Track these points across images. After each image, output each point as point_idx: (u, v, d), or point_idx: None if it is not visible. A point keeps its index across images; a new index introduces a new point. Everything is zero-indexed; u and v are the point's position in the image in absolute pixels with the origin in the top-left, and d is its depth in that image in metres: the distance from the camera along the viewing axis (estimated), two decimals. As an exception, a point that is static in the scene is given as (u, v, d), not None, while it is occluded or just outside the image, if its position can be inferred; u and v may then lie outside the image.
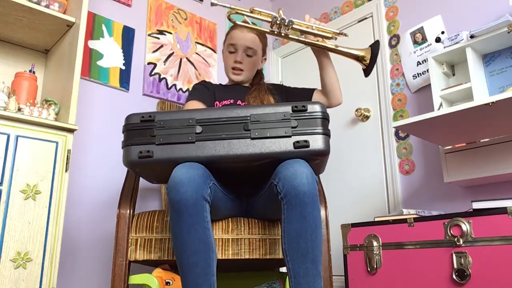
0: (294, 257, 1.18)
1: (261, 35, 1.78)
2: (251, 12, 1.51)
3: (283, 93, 1.80)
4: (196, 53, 2.71)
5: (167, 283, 1.58)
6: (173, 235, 1.22)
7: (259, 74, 1.86)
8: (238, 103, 1.72)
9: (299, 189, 1.18)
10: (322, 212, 1.53)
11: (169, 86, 2.52)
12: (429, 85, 2.18)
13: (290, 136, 1.21)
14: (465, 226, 1.53)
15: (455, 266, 1.53)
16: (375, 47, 1.55)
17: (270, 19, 1.50)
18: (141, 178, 1.70)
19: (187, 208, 1.18)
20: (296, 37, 1.57)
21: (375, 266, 1.75)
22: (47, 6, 1.83)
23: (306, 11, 3.09)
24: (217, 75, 2.77)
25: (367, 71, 1.57)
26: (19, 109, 1.68)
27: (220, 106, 1.70)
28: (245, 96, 1.74)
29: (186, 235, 1.18)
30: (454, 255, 1.54)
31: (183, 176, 1.19)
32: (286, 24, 1.50)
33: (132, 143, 1.23)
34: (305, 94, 1.75)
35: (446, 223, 1.59)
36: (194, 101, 1.70)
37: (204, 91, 1.77)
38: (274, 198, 1.25)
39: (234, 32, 1.76)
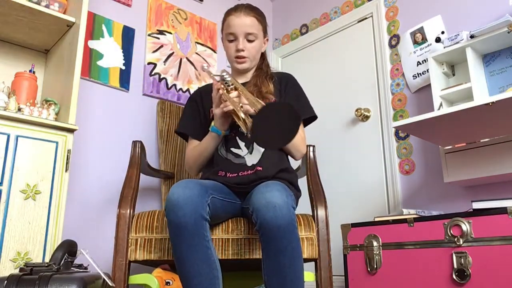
0: None
1: (260, 16, 1.65)
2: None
3: (284, 91, 1.65)
4: (196, 53, 2.71)
5: (167, 283, 1.57)
6: (175, 257, 1.22)
7: (262, 56, 1.73)
8: None
9: (272, 224, 1.15)
10: (322, 212, 1.53)
11: (169, 86, 2.52)
12: (429, 85, 2.18)
13: None
14: (465, 226, 1.53)
15: (455, 266, 1.53)
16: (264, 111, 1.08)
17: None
18: (141, 178, 1.70)
19: (186, 230, 1.18)
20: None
21: (375, 266, 1.75)
22: (47, 6, 1.83)
23: (306, 11, 3.09)
24: (217, 75, 2.77)
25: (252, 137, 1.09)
26: (19, 109, 1.68)
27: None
28: None
29: (188, 256, 1.18)
30: (454, 255, 1.54)
31: (180, 198, 1.19)
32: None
33: None
34: None
35: (446, 223, 1.59)
36: (191, 141, 1.66)
37: (194, 116, 1.68)
38: None
39: (230, 19, 1.61)
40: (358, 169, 2.54)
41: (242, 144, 1.53)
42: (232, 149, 1.53)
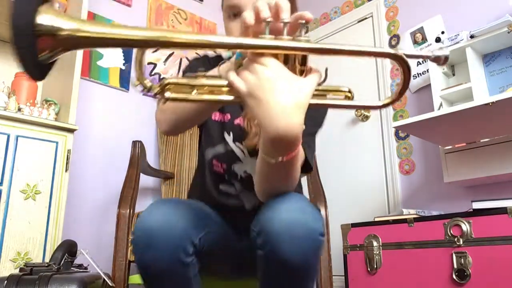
0: None
1: None
2: None
3: None
4: (196, 53, 2.71)
5: (167, 283, 1.57)
6: None
7: None
8: (235, 122, 0.98)
9: (289, 262, 0.68)
10: (322, 212, 1.53)
11: (169, 86, 2.52)
12: (429, 85, 2.18)
13: None
14: (465, 226, 1.53)
15: (455, 266, 1.53)
16: None
17: None
18: (141, 178, 1.70)
19: (159, 279, 0.75)
20: None
21: (375, 266, 1.75)
22: (47, 6, 1.83)
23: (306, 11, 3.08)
24: (217, 75, 2.78)
25: None
26: (19, 109, 1.68)
27: (217, 120, 1.00)
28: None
29: None
30: (454, 255, 1.54)
31: (155, 226, 0.73)
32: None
33: None
34: None
35: (446, 223, 1.59)
36: None
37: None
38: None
39: None
40: (358, 169, 2.54)
41: (231, 176, 0.97)
42: (221, 186, 0.98)
